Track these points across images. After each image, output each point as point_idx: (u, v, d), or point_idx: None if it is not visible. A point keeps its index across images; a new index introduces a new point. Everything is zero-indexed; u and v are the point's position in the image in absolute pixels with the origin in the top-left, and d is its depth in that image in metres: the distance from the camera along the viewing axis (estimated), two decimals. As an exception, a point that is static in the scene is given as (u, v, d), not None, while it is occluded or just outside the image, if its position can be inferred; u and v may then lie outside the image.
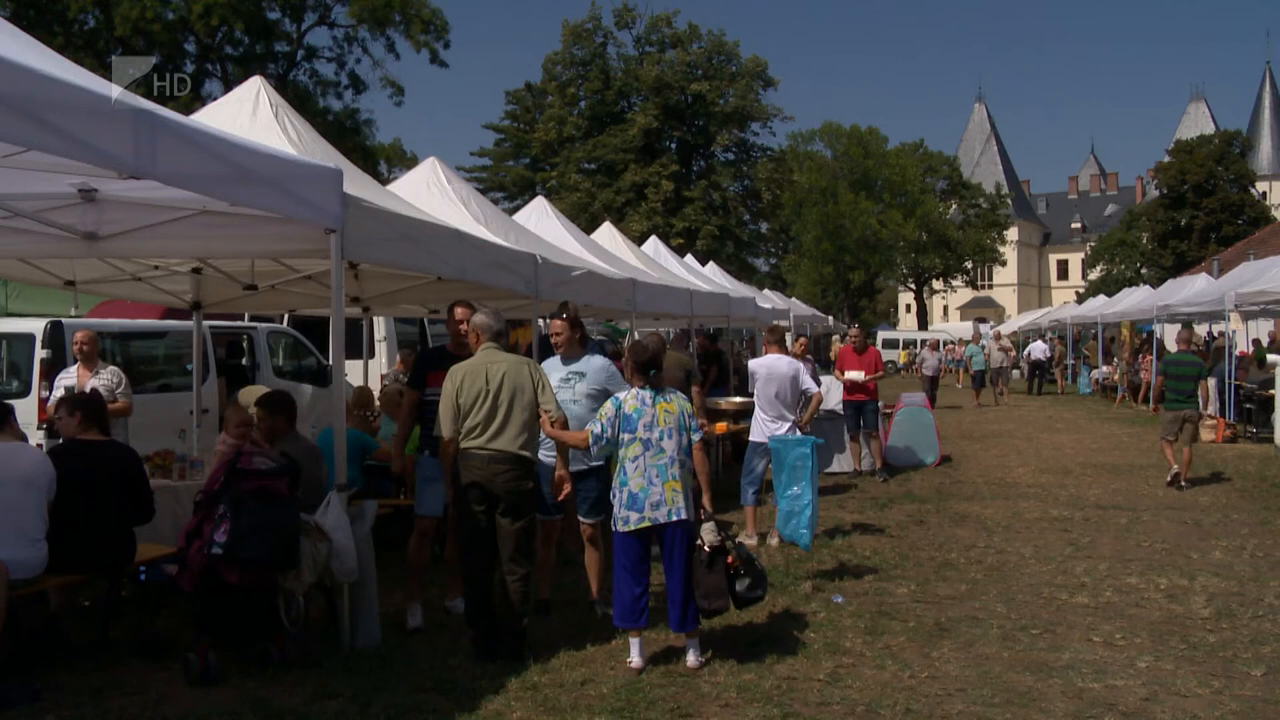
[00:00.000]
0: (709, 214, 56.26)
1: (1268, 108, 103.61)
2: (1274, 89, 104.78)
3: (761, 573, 6.74)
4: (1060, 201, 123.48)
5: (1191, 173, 66.66)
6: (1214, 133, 74.16)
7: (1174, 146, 71.64)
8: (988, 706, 5.84)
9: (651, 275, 14.26)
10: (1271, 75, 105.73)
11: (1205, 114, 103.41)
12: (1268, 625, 7.44)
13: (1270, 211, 71.29)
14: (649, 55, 57.81)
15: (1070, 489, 13.81)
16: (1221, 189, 66.37)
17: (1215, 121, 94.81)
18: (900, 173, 70.68)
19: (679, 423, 6.60)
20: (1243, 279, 22.54)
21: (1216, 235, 63.62)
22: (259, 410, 7.26)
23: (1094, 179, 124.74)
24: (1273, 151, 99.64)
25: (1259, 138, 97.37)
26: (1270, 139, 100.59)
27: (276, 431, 7.13)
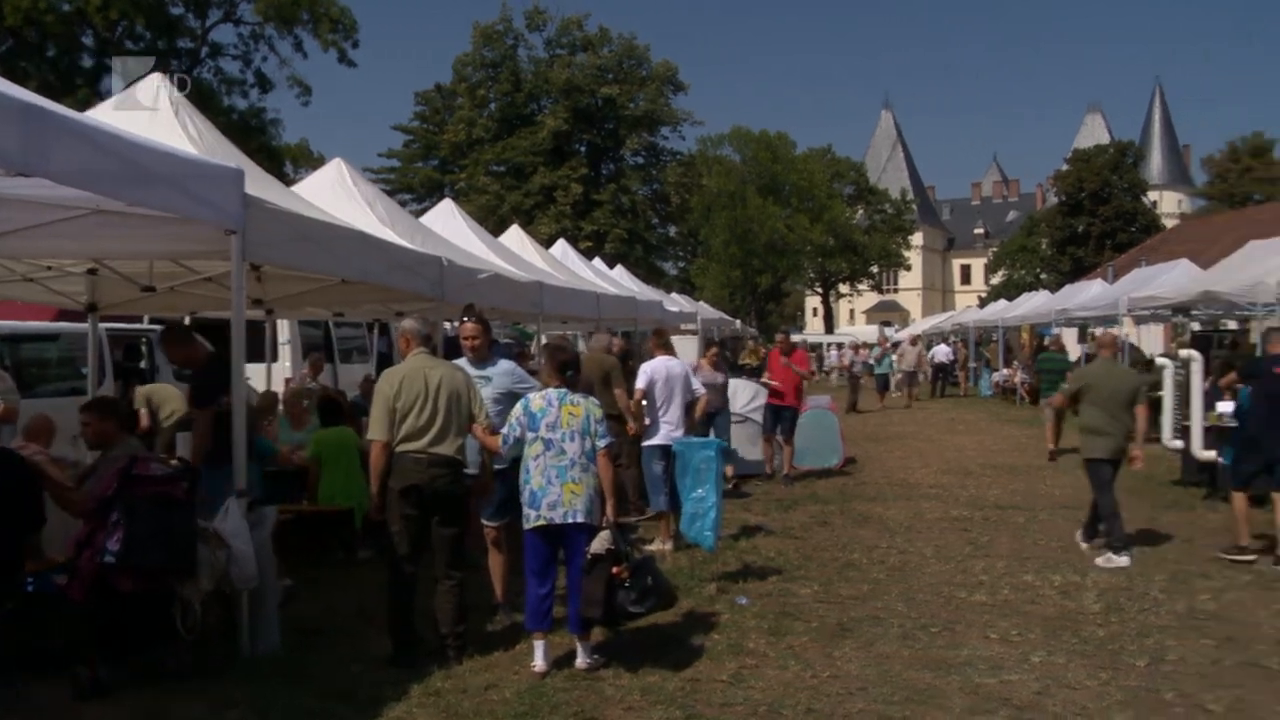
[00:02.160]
0: (618, 217, 56.35)
1: (1158, 121, 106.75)
2: (1163, 103, 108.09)
3: (650, 588, 6.59)
4: (964, 207, 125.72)
5: (1088, 181, 68.40)
6: (1109, 143, 76.03)
7: (1072, 156, 73.35)
8: (888, 704, 5.95)
9: (559, 278, 14.25)
10: (1161, 90, 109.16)
11: (1101, 125, 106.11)
12: (1152, 618, 7.72)
13: (1160, 220, 73.45)
14: (559, 58, 57.73)
15: (970, 489, 14.10)
16: (1116, 197, 68.19)
17: (1111, 132, 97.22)
18: (808, 178, 71.32)
19: (584, 426, 6.60)
20: (1135, 284, 23.25)
21: (1111, 242, 65.34)
22: (87, 414, 7.09)
23: (996, 186, 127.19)
24: (1162, 162, 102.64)
25: (1150, 149, 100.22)
26: (1160, 150, 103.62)
27: (105, 436, 6.96)
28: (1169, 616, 7.79)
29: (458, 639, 6.64)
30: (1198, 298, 17.83)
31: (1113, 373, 10.28)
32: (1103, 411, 9.90)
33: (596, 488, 6.62)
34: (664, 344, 10.55)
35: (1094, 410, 9.93)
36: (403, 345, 7.01)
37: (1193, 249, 36.15)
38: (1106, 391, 9.95)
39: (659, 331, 11.15)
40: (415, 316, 7.19)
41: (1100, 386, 10.01)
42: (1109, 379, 10.11)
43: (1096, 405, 9.93)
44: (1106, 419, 9.89)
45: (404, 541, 6.56)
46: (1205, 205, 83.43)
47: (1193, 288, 18.41)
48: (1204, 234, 49.23)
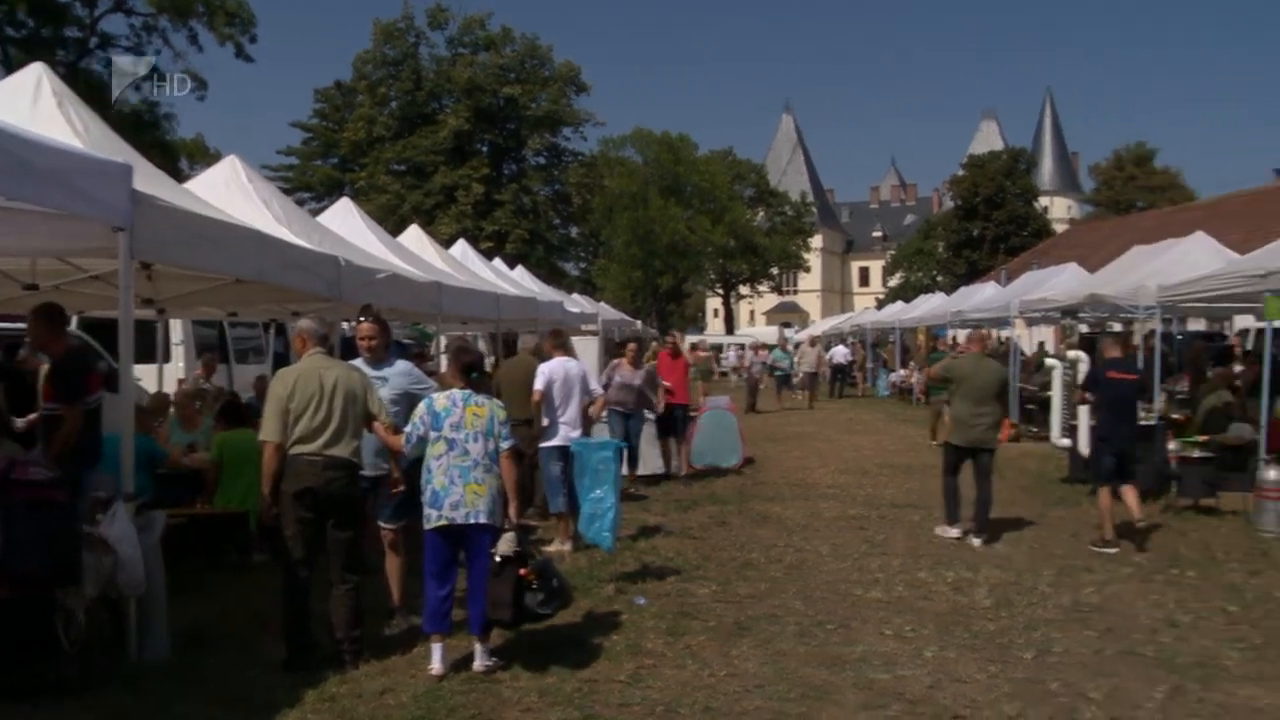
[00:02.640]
0: (519, 217, 56.09)
1: (1049, 129, 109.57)
2: (1054, 112, 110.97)
3: (556, 590, 6.69)
4: (863, 210, 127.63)
5: (983, 186, 70.00)
6: (1003, 149, 78.01)
7: (967, 161, 75.04)
8: (784, 701, 6.03)
9: (458, 278, 14.15)
10: (1052, 99, 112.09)
11: (996, 132, 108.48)
12: (1040, 612, 7.95)
13: (1051, 225, 75.48)
14: (462, 57, 57.23)
15: (867, 488, 14.32)
16: (1009, 202, 69.88)
17: (1005, 139, 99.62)
18: (709, 179, 71.72)
19: (488, 427, 6.59)
20: (1026, 287, 23.83)
21: (1005, 246, 66.96)
22: None
23: (894, 189, 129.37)
24: (1053, 169, 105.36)
25: (1042, 155, 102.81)
26: (1051, 157, 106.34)
27: None
28: (1055, 610, 8.03)
29: (354, 643, 6.56)
30: (1085, 300, 18.34)
31: (981, 366, 10.95)
32: (970, 403, 10.65)
33: (499, 489, 6.61)
34: (561, 345, 10.53)
35: (963, 402, 10.70)
36: (298, 345, 6.91)
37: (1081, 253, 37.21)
38: (974, 384, 10.67)
39: (556, 332, 11.12)
40: (312, 316, 7.09)
41: (969, 380, 10.73)
42: (977, 373, 10.81)
43: (965, 398, 10.68)
44: (973, 410, 10.62)
45: (299, 545, 6.46)
46: (1093, 211, 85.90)
47: (1080, 291, 18.93)
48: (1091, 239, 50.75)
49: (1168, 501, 12.21)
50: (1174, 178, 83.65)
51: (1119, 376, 10.87)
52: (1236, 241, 22.44)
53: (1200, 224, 25.32)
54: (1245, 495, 11.41)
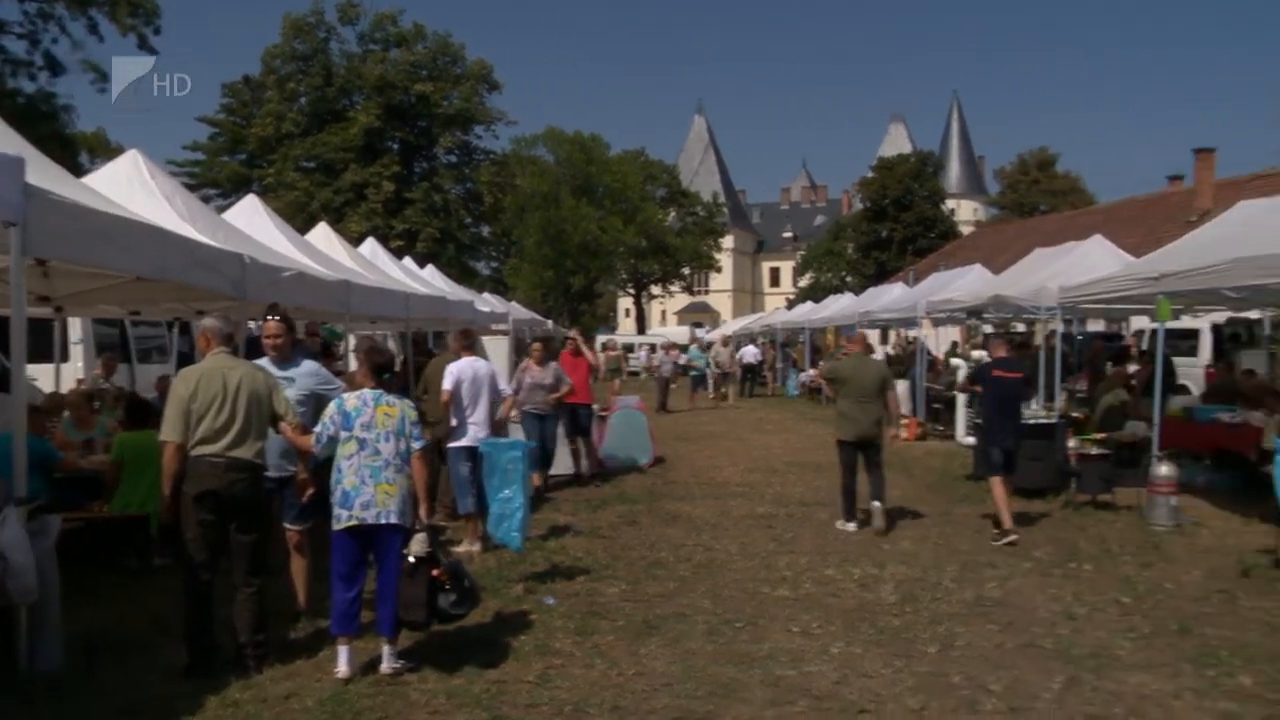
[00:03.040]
0: (430, 216, 55.53)
1: (955, 132, 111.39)
2: (961, 116, 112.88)
3: (469, 590, 6.74)
4: (774, 211, 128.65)
5: (891, 188, 71.06)
6: (911, 152, 79.13)
7: (876, 163, 76.04)
8: (691, 699, 6.07)
9: (367, 277, 13.99)
10: (959, 103, 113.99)
11: (904, 134, 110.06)
12: (944, 607, 8.10)
13: (958, 227, 76.83)
14: (373, 53, 56.47)
15: (776, 487, 14.46)
16: (917, 204, 71.01)
17: (913, 142, 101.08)
18: (621, 180, 71.91)
19: (399, 427, 6.55)
20: (933, 288, 24.22)
21: (913, 247, 68.05)
22: None
23: (805, 191, 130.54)
24: (960, 172, 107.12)
25: (949, 159, 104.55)
26: (958, 160, 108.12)
27: None
28: (959, 604, 8.19)
29: (258, 647, 6.46)
30: (989, 301, 18.71)
31: (863, 365, 11.61)
32: (854, 401, 11.29)
33: (410, 489, 6.57)
34: (469, 345, 10.48)
35: (846, 400, 11.33)
36: (202, 344, 6.78)
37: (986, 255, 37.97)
38: (858, 383, 11.31)
39: (465, 332, 11.05)
40: (216, 315, 6.97)
41: (852, 379, 11.37)
42: (860, 372, 11.44)
43: (849, 396, 11.32)
44: (856, 408, 11.27)
45: (200, 548, 6.34)
46: (998, 214, 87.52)
47: (985, 291, 19.31)
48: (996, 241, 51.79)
49: (1068, 498, 12.50)
50: (1075, 182, 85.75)
51: (1004, 375, 11.38)
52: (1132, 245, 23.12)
53: (1099, 227, 26.06)
54: (1139, 491, 11.75)
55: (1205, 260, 11.50)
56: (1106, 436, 13.08)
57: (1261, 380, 14.89)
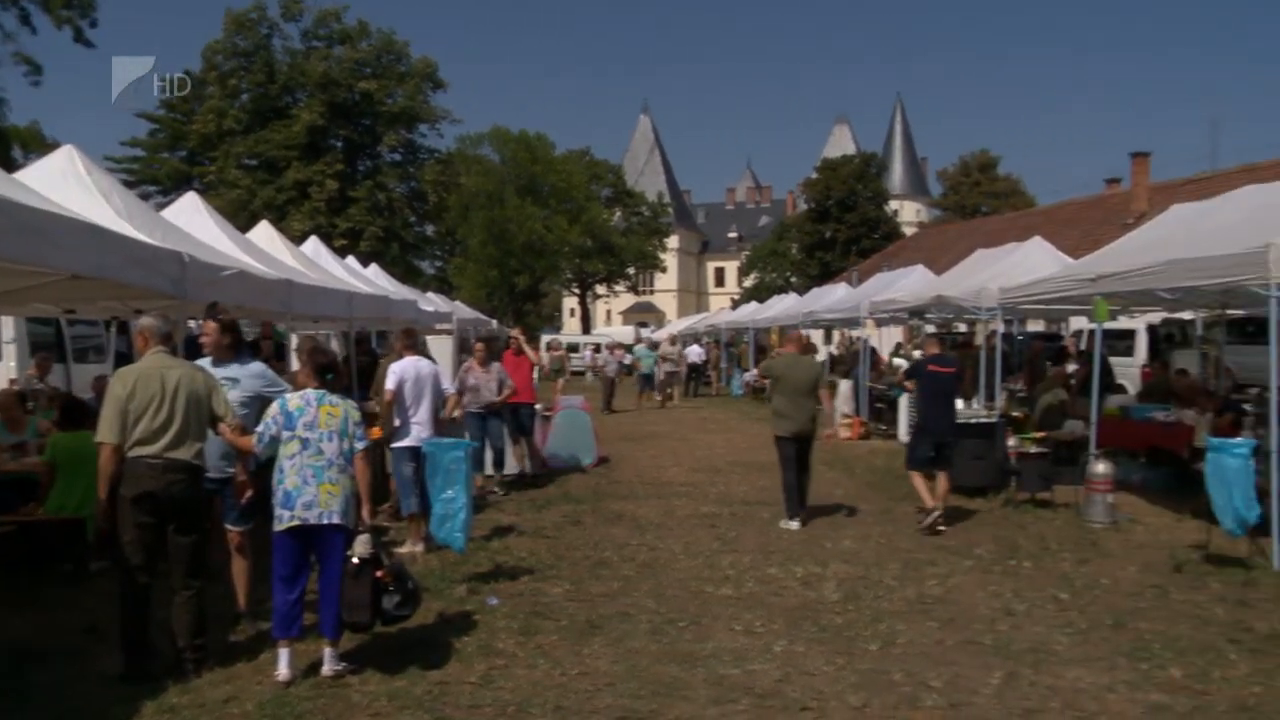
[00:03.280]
0: (374, 215, 55.19)
1: (899, 134, 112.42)
2: (904, 118, 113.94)
3: (413, 591, 6.71)
4: (718, 212, 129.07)
5: (835, 189, 71.55)
6: (855, 154, 79.77)
7: (821, 164, 76.52)
8: (635, 699, 6.08)
9: (310, 276, 13.84)
10: (902, 105, 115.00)
11: (848, 136, 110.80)
12: (885, 604, 8.18)
13: (901, 228, 77.54)
14: (316, 50, 55.99)
15: (720, 486, 14.51)
16: (861, 205, 71.57)
17: (857, 143, 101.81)
18: (566, 179, 71.76)
19: (342, 427, 6.51)
20: (876, 288, 24.44)
21: (856, 247, 68.60)
22: None
23: (750, 191, 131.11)
24: (903, 173, 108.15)
25: (892, 160, 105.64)
26: (901, 162, 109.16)
27: None
28: (900, 602, 8.27)
29: (196, 651, 6.37)
30: (931, 301, 18.90)
31: (797, 364, 11.94)
32: (788, 399, 11.68)
33: (353, 490, 6.52)
34: (412, 344, 10.43)
35: (781, 397, 11.72)
36: (139, 344, 6.68)
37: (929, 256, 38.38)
38: (791, 381, 11.70)
39: (407, 332, 11.00)
40: (155, 314, 6.88)
41: (786, 377, 11.75)
42: (793, 370, 11.82)
43: (783, 393, 11.70)
44: (791, 405, 11.65)
45: (137, 551, 6.24)
46: (940, 215, 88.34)
47: (927, 292, 19.51)
48: (939, 242, 52.34)
49: (1008, 496, 12.67)
50: (1016, 184, 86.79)
51: (938, 370, 11.84)
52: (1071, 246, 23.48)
53: (1039, 229, 26.42)
54: (1077, 488, 11.92)
55: (1140, 262, 11.70)
56: (1046, 435, 13.28)
57: (1194, 380, 15.17)
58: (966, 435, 13.27)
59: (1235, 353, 16.94)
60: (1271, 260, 9.01)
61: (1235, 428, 11.38)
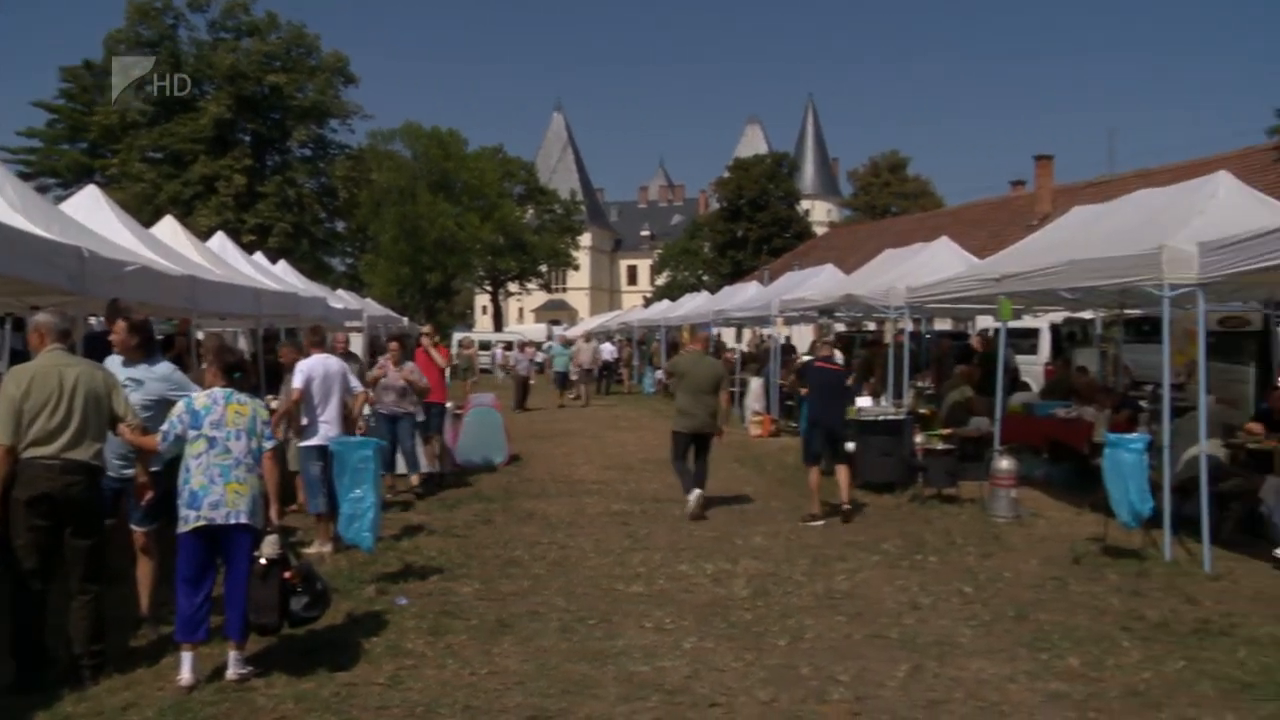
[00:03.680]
0: (283, 211, 54.22)
1: (810, 134, 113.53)
2: (815, 118, 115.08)
3: (321, 592, 6.64)
4: (631, 210, 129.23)
5: (747, 189, 72.07)
6: (767, 153, 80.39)
7: (733, 164, 77.04)
8: (544, 697, 6.07)
9: (216, 273, 13.62)
10: (814, 105, 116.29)
11: (760, 136, 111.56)
12: (794, 600, 8.27)
13: (812, 227, 78.38)
14: (224, 42, 54.76)
15: (631, 484, 14.54)
16: (773, 205, 72.20)
17: (769, 143, 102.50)
18: (479, 176, 71.44)
19: (250, 426, 6.42)
20: (787, 287, 24.65)
21: (768, 247, 69.16)
22: None
23: (663, 190, 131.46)
24: (814, 173, 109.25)
25: (804, 160, 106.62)
26: (812, 162, 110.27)
27: None
28: (809, 597, 8.36)
29: (94, 657, 6.21)
30: (840, 300, 19.12)
31: (700, 363, 12.42)
32: (690, 396, 12.13)
33: (261, 489, 6.42)
34: (319, 342, 10.29)
35: (683, 395, 12.22)
36: (35, 341, 6.48)
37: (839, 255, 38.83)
38: (694, 379, 12.16)
39: (314, 329, 10.86)
40: (51, 310, 6.70)
41: (689, 375, 12.23)
42: (696, 368, 12.28)
43: (686, 391, 12.18)
44: (692, 402, 12.10)
45: (31, 556, 6.05)
46: (851, 215, 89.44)
47: (836, 291, 19.73)
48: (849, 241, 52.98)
49: (915, 492, 12.87)
50: (925, 185, 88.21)
51: (825, 367, 12.36)
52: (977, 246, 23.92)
53: (946, 229, 26.87)
54: (982, 484, 12.15)
55: (1042, 263, 11.96)
56: (952, 432, 13.53)
57: (1093, 378, 15.54)
58: (874, 432, 13.51)
59: (1133, 351, 17.36)
60: (1164, 262, 9.28)
61: (1131, 424, 11.74)
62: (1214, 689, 6.18)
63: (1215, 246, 8.96)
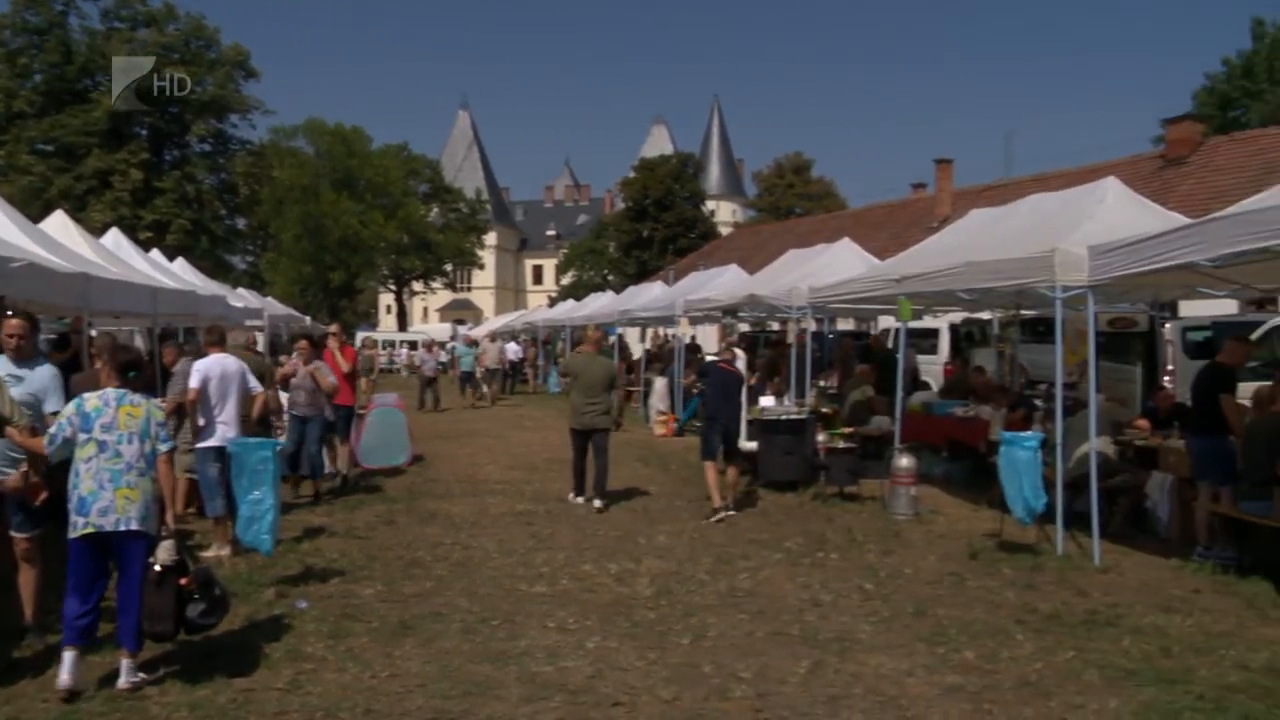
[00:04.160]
0: (182, 207, 53.01)
1: (716, 135, 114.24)
2: (721, 119, 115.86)
3: (219, 598, 6.49)
4: (537, 209, 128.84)
5: (653, 189, 72.41)
6: (673, 154, 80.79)
7: (639, 164, 77.30)
8: (446, 699, 6.02)
9: (110, 270, 13.28)
10: (719, 107, 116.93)
11: (666, 136, 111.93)
12: (697, 599, 8.31)
13: (717, 227, 78.96)
14: (118, 31, 53.31)
15: (536, 484, 14.50)
16: (678, 205, 72.67)
17: (675, 144, 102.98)
18: (383, 174, 70.69)
19: (143, 429, 6.24)
20: (691, 287, 24.78)
21: (673, 247, 69.56)
22: None
23: (568, 189, 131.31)
24: (719, 174, 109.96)
25: (709, 161, 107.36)
26: (718, 163, 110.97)
27: None
28: (712, 596, 8.41)
29: None
30: (744, 300, 19.28)
31: (592, 362, 12.92)
32: (584, 394, 12.66)
33: (155, 494, 6.25)
34: (218, 341, 10.08)
35: (577, 394, 12.77)
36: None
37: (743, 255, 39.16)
38: (586, 378, 12.69)
39: (212, 328, 10.64)
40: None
41: (582, 374, 12.76)
42: (589, 368, 12.80)
43: (579, 390, 12.73)
44: (586, 400, 12.64)
45: None
46: (755, 215, 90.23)
47: (740, 291, 19.90)
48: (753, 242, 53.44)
49: (817, 490, 13.03)
50: (828, 187, 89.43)
51: (726, 369, 12.70)
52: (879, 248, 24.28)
53: (849, 230, 27.25)
54: (883, 482, 12.34)
55: (941, 264, 12.19)
56: (853, 431, 13.72)
57: (989, 377, 15.87)
58: (777, 432, 13.65)
59: (1029, 351, 17.75)
60: (1057, 264, 9.53)
61: (1026, 422, 12.02)
62: (1100, 677, 6.37)
63: (1104, 250, 9.24)
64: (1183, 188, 28.35)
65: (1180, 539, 10.13)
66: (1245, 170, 27.09)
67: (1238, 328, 14.68)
